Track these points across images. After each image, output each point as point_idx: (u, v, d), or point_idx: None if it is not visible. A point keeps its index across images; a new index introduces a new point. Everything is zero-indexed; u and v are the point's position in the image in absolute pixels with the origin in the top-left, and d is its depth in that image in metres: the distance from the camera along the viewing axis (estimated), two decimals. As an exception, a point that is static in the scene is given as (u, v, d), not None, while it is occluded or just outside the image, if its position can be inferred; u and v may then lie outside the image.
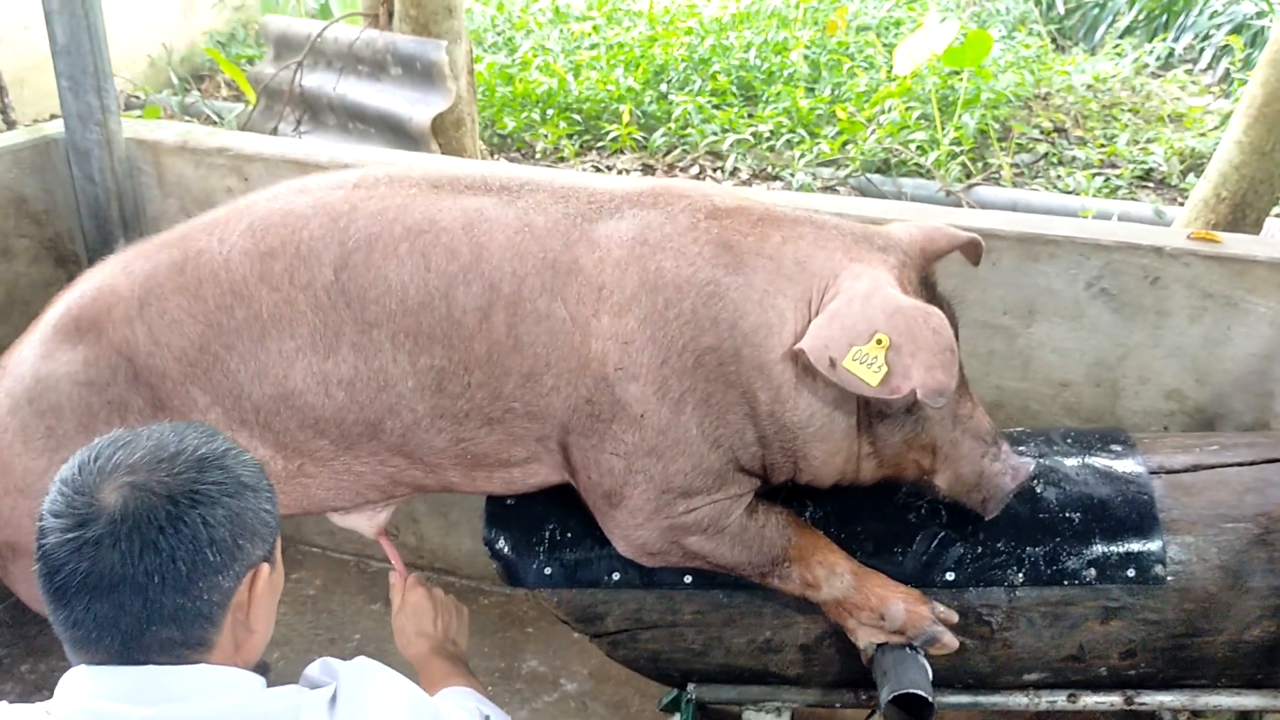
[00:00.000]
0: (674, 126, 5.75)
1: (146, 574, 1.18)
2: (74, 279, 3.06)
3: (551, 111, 5.95)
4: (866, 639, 1.97)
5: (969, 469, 1.93)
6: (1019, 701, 2.13)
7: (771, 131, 5.67)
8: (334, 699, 1.31)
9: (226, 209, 2.00)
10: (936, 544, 2.04)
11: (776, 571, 1.96)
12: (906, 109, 5.69)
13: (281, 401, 1.89)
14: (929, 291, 1.94)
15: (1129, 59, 6.88)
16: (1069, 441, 2.20)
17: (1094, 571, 2.01)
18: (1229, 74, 6.65)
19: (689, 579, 2.07)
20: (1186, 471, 2.12)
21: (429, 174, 1.96)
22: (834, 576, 1.94)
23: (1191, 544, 2.02)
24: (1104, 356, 2.58)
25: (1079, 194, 5.15)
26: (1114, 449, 2.17)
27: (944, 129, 5.49)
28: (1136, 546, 2.01)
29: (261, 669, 1.32)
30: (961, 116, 5.57)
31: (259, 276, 1.87)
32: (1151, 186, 5.41)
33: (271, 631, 1.37)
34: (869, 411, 1.87)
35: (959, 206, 4.81)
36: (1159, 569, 2.00)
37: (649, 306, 1.82)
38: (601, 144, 5.76)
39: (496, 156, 5.70)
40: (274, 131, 4.76)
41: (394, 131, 4.51)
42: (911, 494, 2.10)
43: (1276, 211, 4.14)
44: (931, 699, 1.88)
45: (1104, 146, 5.67)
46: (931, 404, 1.75)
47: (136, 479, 1.21)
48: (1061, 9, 7.81)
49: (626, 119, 5.76)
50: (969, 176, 5.32)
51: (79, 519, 1.20)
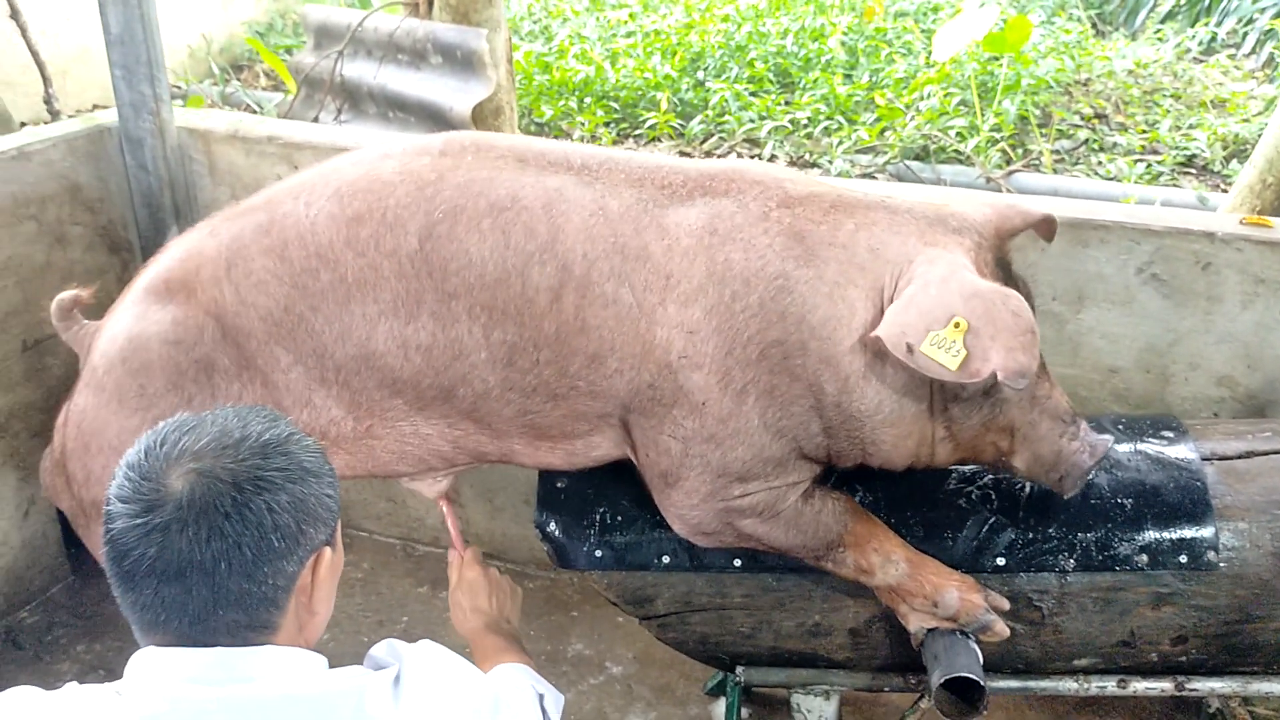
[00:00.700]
0: (711, 114, 5.73)
1: (213, 559, 1.20)
2: (127, 266, 3.14)
3: (589, 100, 5.95)
4: (918, 624, 1.98)
5: (1048, 449, 1.92)
6: (1069, 687, 2.13)
7: (809, 119, 5.64)
8: (398, 679, 1.34)
9: (311, 173, 2.03)
10: (987, 529, 2.04)
11: (830, 556, 1.97)
12: (946, 95, 5.65)
13: (363, 362, 1.92)
14: (1004, 272, 1.93)
15: (1171, 44, 6.79)
16: (1120, 428, 2.20)
17: (1146, 557, 2.01)
18: (1273, 59, 6.56)
19: (738, 562, 2.08)
20: (1240, 458, 2.11)
21: (515, 147, 1.98)
22: (889, 563, 1.95)
23: (1244, 530, 2.02)
24: (1154, 342, 2.56)
25: (1120, 180, 5.09)
26: (1166, 435, 2.16)
27: (984, 115, 5.45)
28: (1189, 533, 2.01)
29: None
30: (1001, 103, 5.53)
31: (345, 241, 1.89)
32: (1194, 173, 5.35)
33: (331, 612, 1.39)
34: (944, 395, 1.87)
35: (999, 193, 4.78)
36: (1211, 555, 2.00)
37: (716, 298, 1.83)
38: (639, 132, 5.75)
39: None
40: (315, 120, 4.80)
41: (434, 120, 4.53)
42: (963, 479, 2.10)
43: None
44: (983, 682, 1.89)
45: (1145, 133, 5.60)
46: (1013, 386, 1.74)
47: (202, 465, 1.23)
48: (1102, -7, 7.72)
49: (664, 107, 5.75)
50: (1009, 163, 5.28)
51: (146, 504, 1.21)
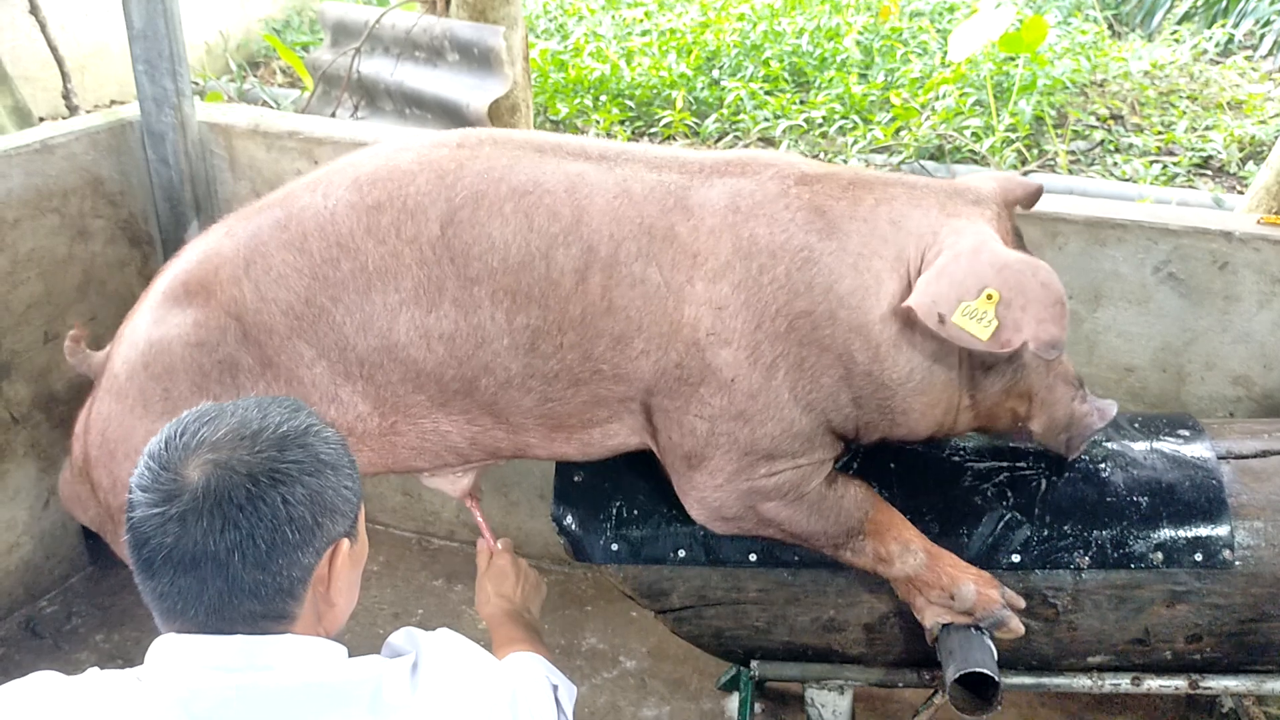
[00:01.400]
0: (726, 113, 5.74)
1: (227, 551, 1.20)
2: (148, 259, 3.16)
3: (604, 98, 5.96)
4: (933, 618, 1.99)
5: (1062, 412, 1.98)
6: (1082, 684, 2.14)
7: (824, 118, 5.64)
8: (415, 666, 1.35)
9: (327, 168, 2.03)
10: (1003, 525, 2.05)
11: (850, 544, 1.98)
12: (961, 95, 5.65)
13: (385, 354, 1.92)
14: (1020, 241, 1.97)
15: (1187, 45, 6.78)
16: (1136, 426, 2.20)
17: (1161, 555, 2.02)
18: (1290, 60, 6.53)
19: (753, 557, 2.09)
20: (1256, 457, 2.12)
21: (532, 138, 1.99)
22: (907, 553, 1.96)
23: (1260, 529, 2.02)
24: (1170, 342, 2.57)
25: (1136, 182, 5.09)
26: (1182, 434, 2.17)
27: (999, 115, 5.45)
28: (1204, 531, 2.02)
29: None
30: (1017, 103, 5.52)
31: (365, 229, 1.90)
32: (1210, 174, 5.34)
33: (354, 603, 1.40)
34: (970, 364, 1.91)
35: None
36: (1227, 554, 2.00)
37: (743, 272, 1.85)
38: (653, 130, 5.77)
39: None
40: (332, 117, 4.82)
41: (451, 117, 4.55)
42: (978, 476, 2.11)
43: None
44: (998, 678, 1.89)
45: (1161, 134, 5.59)
46: (1045, 356, 1.79)
47: (219, 456, 1.23)
48: (1118, -6, 7.71)
49: (679, 105, 5.76)
50: (1024, 163, 5.28)
51: (164, 494, 1.22)
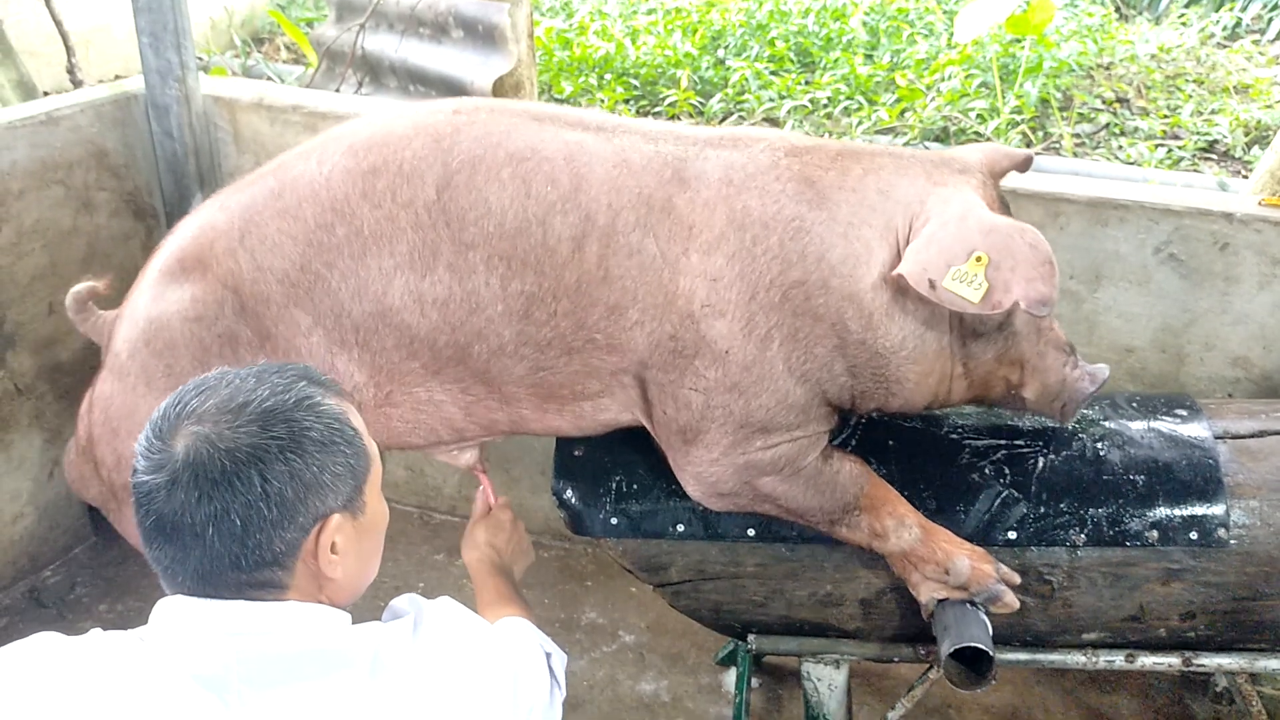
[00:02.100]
0: (731, 93, 5.73)
1: (203, 523, 1.21)
2: (152, 232, 3.17)
3: (609, 76, 5.95)
4: (929, 594, 2.00)
5: (1054, 378, 1.99)
6: (1077, 660, 2.15)
7: (829, 98, 5.63)
8: (416, 625, 1.36)
9: (321, 137, 2.04)
10: (999, 503, 2.06)
11: (846, 520, 1.99)
12: (967, 77, 5.63)
13: (380, 319, 1.93)
14: (1006, 209, 1.98)
15: (1195, 29, 6.75)
16: (1134, 406, 2.21)
17: (1156, 533, 2.03)
18: (1298, 45, 6.51)
19: (752, 531, 2.11)
20: (1252, 437, 2.12)
21: (529, 107, 2.00)
22: (902, 528, 1.97)
23: (1255, 508, 2.03)
24: (1170, 322, 2.57)
25: (1141, 165, 5.08)
26: (1179, 413, 2.18)
27: (1004, 97, 5.44)
28: (1200, 510, 2.03)
29: None
30: (1023, 85, 5.51)
31: (361, 193, 1.90)
32: (1215, 158, 5.32)
33: (368, 574, 1.38)
34: (961, 331, 1.92)
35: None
36: (1222, 532, 2.02)
37: (737, 244, 1.86)
38: (658, 109, 5.75)
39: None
40: (336, 93, 4.81)
41: (455, 93, 4.54)
42: (975, 454, 2.12)
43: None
44: (992, 653, 1.91)
45: (1167, 117, 5.58)
46: (1036, 314, 1.79)
47: (202, 429, 1.23)
48: (1126, -23, 7.67)
49: (684, 84, 5.75)
50: (1029, 146, 5.27)
51: (156, 463, 1.23)
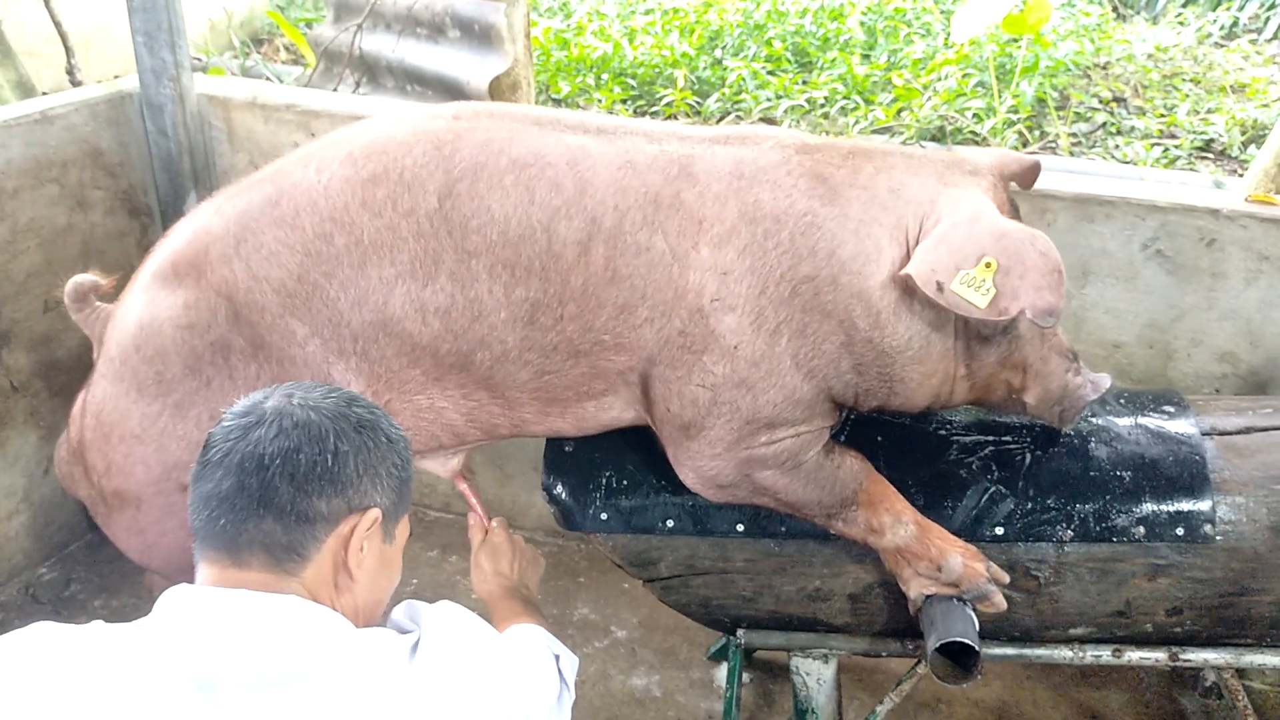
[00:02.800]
0: (728, 92, 5.74)
1: (271, 456, 1.31)
2: (146, 230, 3.19)
3: (606, 76, 5.96)
4: (919, 589, 2.01)
5: (1056, 384, 2.00)
6: (1064, 655, 2.16)
7: (826, 98, 5.64)
8: (416, 646, 1.36)
9: (318, 143, 2.02)
10: (987, 498, 2.07)
11: (843, 514, 2.00)
12: (963, 76, 5.64)
13: (380, 329, 1.91)
14: (1016, 213, 1.99)
15: (1192, 28, 6.76)
16: (1122, 402, 2.22)
17: (1143, 529, 2.04)
18: (1295, 44, 6.51)
19: (741, 527, 2.12)
20: (1239, 433, 2.13)
21: (530, 111, 2.00)
22: (899, 525, 1.98)
23: (1242, 504, 2.04)
24: (1157, 318, 2.58)
25: (1137, 164, 5.08)
26: (1167, 410, 2.19)
27: (1001, 97, 5.45)
28: (1186, 506, 2.04)
29: None
30: (1019, 85, 5.52)
31: (360, 202, 1.88)
32: (1211, 158, 5.33)
33: (379, 600, 1.44)
34: (966, 334, 1.92)
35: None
36: (1208, 528, 2.02)
37: (748, 237, 1.86)
38: (655, 109, 5.76)
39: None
40: (330, 92, 4.83)
41: (451, 93, 4.55)
42: (963, 450, 2.13)
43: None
44: (978, 648, 1.92)
45: (1163, 116, 5.58)
46: (1042, 324, 1.79)
47: (296, 393, 1.40)
48: (1124, -23, 7.67)
49: (680, 84, 5.77)
50: (1025, 145, 5.27)
51: (243, 412, 1.38)
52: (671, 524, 2.13)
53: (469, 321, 1.91)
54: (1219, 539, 2.03)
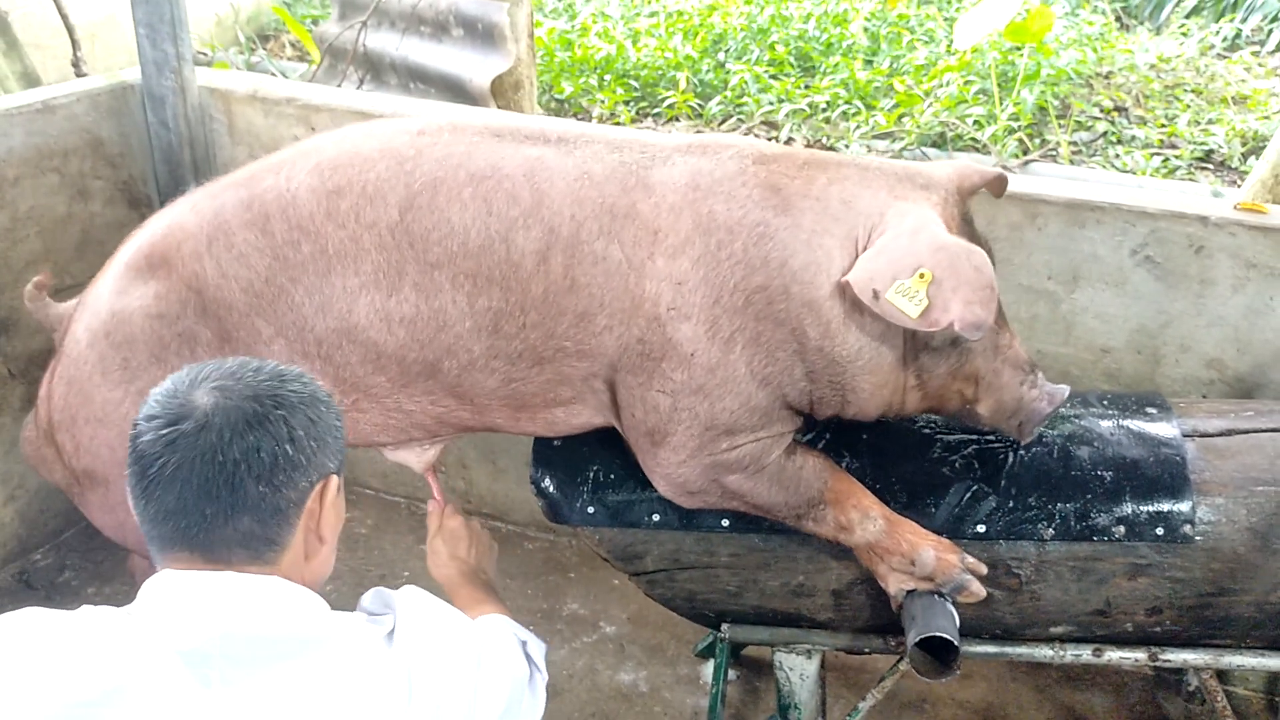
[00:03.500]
0: (730, 95, 5.76)
1: (234, 462, 1.28)
2: (146, 220, 3.20)
3: (609, 78, 5.99)
4: (897, 585, 2.03)
5: (1010, 396, 2.01)
6: (1044, 654, 2.18)
7: (828, 103, 5.66)
8: (392, 633, 1.39)
9: (291, 150, 2.07)
10: (969, 496, 2.09)
11: (812, 514, 2.02)
12: (965, 83, 5.66)
13: (344, 335, 1.96)
14: (969, 227, 2.01)
15: (1195, 39, 6.77)
16: (1106, 404, 2.24)
17: (1123, 529, 2.05)
18: (1297, 56, 6.53)
19: (726, 522, 2.14)
20: (1220, 435, 2.15)
21: (490, 124, 2.03)
22: (867, 520, 2.00)
23: (1221, 505, 2.05)
24: (1146, 324, 2.60)
25: (1137, 174, 5.10)
26: (1149, 412, 2.20)
27: (1002, 104, 5.47)
28: (1166, 506, 2.05)
29: None
30: (1020, 92, 5.54)
31: (326, 213, 1.93)
32: (1211, 168, 5.34)
33: (332, 555, 1.44)
34: (915, 344, 1.94)
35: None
36: (1187, 528, 2.04)
37: (702, 248, 1.89)
38: (657, 111, 5.79)
39: (554, 120, 5.73)
40: (330, 87, 4.85)
41: (454, 92, 4.58)
42: (946, 448, 2.15)
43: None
44: (957, 642, 1.94)
45: (1164, 126, 5.60)
46: (969, 337, 1.82)
47: (225, 383, 1.32)
48: (1128, -13, 7.69)
49: (683, 87, 5.79)
50: (1026, 153, 5.29)
51: (173, 417, 1.29)
52: (658, 518, 2.15)
53: (434, 331, 1.94)
54: (1199, 539, 2.04)
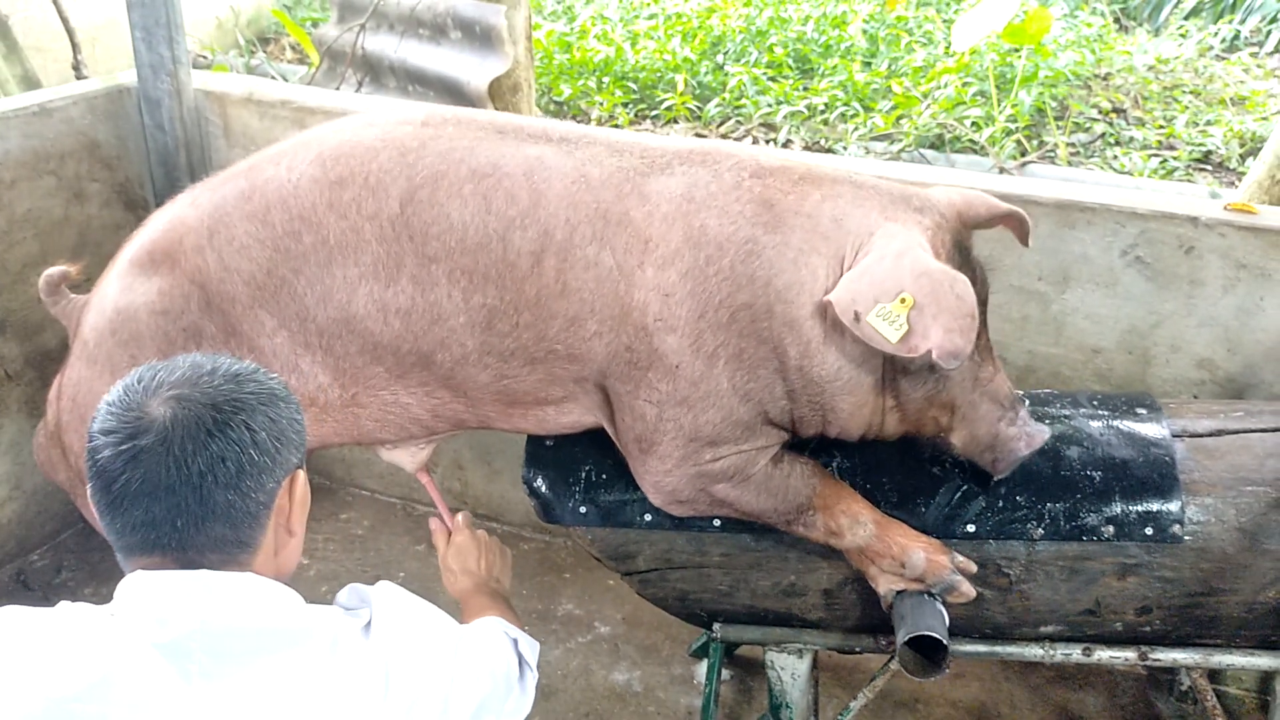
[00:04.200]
0: (728, 97, 5.78)
1: (199, 474, 1.27)
2: (142, 222, 3.22)
3: (607, 80, 6.01)
4: (887, 586, 2.04)
5: (984, 430, 1.98)
6: (1034, 653, 2.18)
7: (826, 104, 5.68)
8: (368, 626, 1.41)
9: (292, 141, 2.07)
10: (959, 497, 2.09)
11: (801, 519, 2.03)
12: (963, 85, 5.67)
13: (344, 325, 1.97)
14: (962, 256, 1.97)
15: (1193, 40, 6.78)
16: (1095, 404, 2.24)
17: (1112, 529, 2.06)
18: (1296, 57, 6.53)
19: (718, 522, 2.14)
20: (1210, 436, 2.15)
21: (495, 120, 2.03)
22: (857, 525, 2.01)
23: (1211, 505, 2.06)
24: (1136, 324, 2.60)
25: (1134, 175, 5.11)
26: (1139, 412, 2.21)
27: (1000, 106, 5.47)
28: (1155, 506, 2.06)
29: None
30: (1018, 94, 5.54)
31: (327, 204, 1.93)
32: (1209, 169, 5.35)
33: (302, 544, 1.45)
34: (893, 367, 1.93)
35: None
36: (1176, 528, 2.04)
37: (691, 261, 1.89)
38: (656, 113, 5.81)
39: (552, 123, 5.74)
40: (325, 89, 4.87)
41: (452, 94, 4.59)
42: (937, 448, 2.15)
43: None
44: (946, 641, 1.94)
45: (1162, 128, 5.61)
46: (945, 365, 1.79)
47: (180, 392, 1.30)
48: (1127, -11, 7.70)
49: (681, 89, 5.80)
50: (1023, 154, 5.31)
51: (130, 432, 1.28)
52: (650, 518, 2.16)
53: (429, 324, 1.95)
54: (1188, 539, 2.05)
